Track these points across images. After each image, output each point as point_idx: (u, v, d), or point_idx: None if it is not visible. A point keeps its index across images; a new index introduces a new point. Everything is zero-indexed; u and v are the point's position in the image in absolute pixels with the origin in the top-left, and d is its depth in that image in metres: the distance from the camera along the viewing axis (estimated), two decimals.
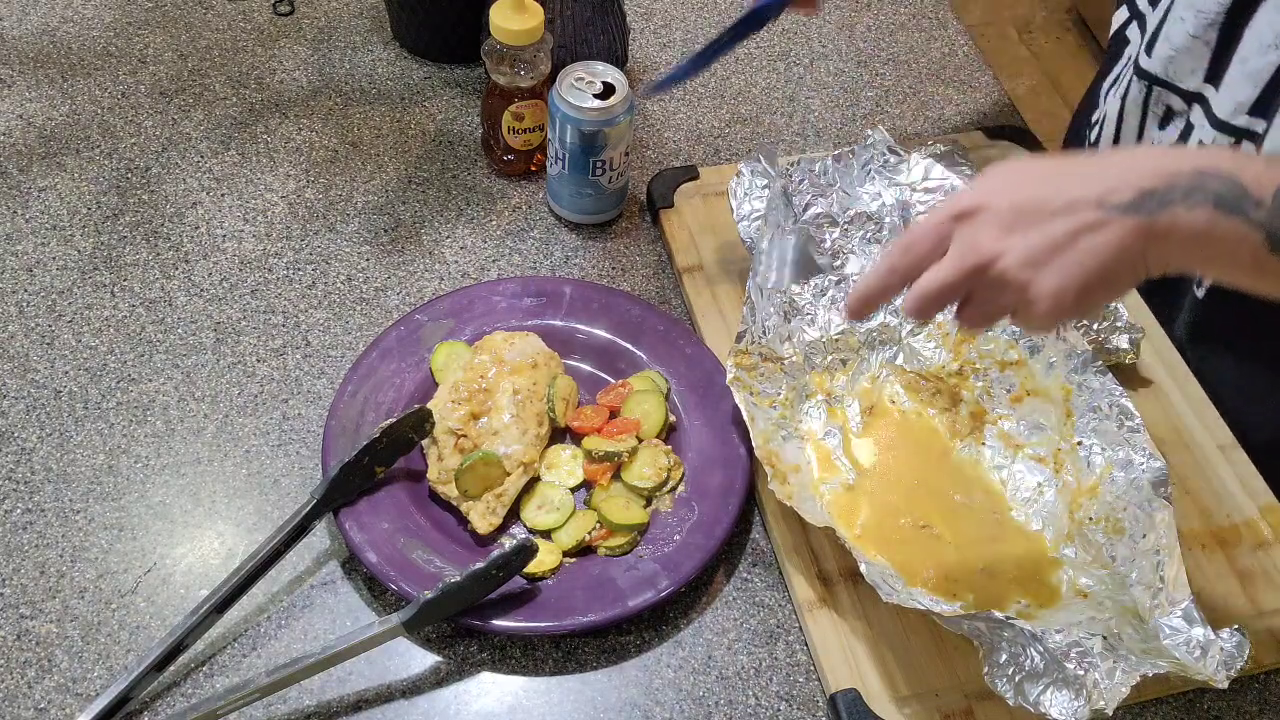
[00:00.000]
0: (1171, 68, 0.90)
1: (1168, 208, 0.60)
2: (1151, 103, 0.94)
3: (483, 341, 0.91)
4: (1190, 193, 0.60)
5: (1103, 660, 0.73)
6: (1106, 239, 0.61)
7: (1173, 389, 0.96)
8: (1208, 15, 0.85)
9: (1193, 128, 0.91)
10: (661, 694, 0.79)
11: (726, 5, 1.29)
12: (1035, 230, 0.62)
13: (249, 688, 0.73)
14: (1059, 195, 0.63)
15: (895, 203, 0.94)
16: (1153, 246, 0.61)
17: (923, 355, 0.94)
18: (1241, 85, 0.85)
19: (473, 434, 0.85)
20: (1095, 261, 0.62)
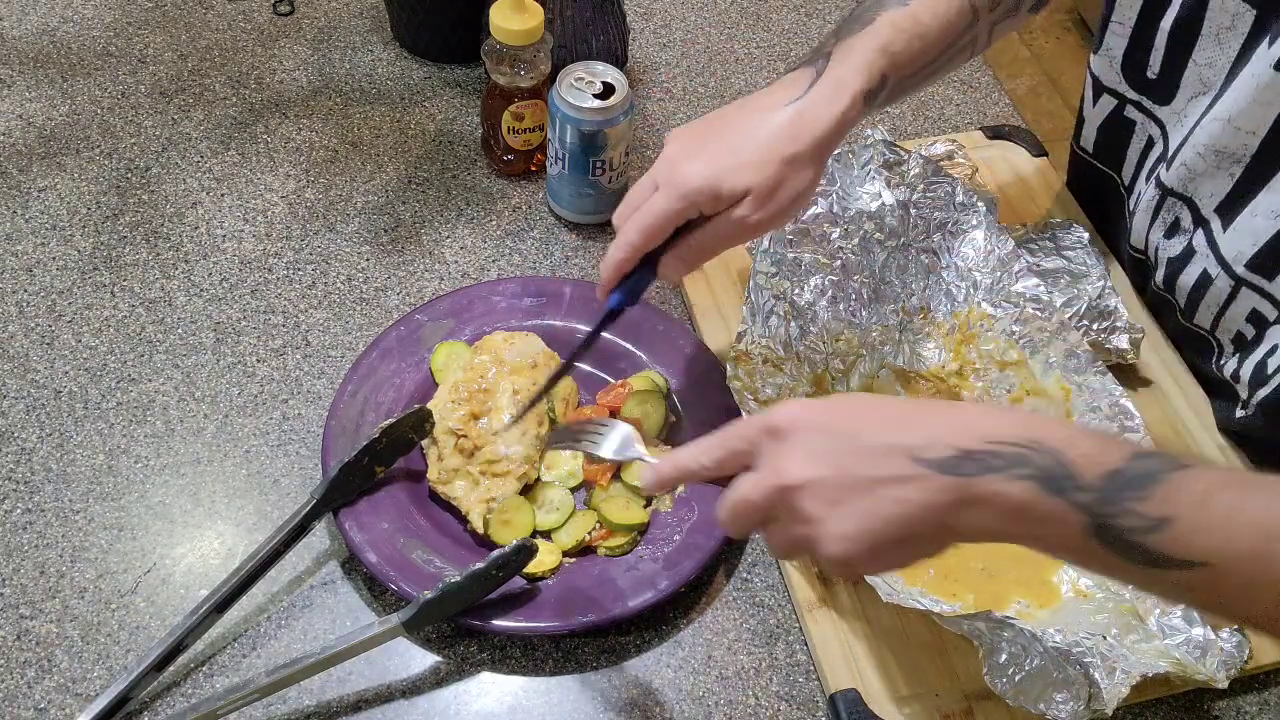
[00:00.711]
0: (1191, 186, 0.89)
1: (986, 475, 0.56)
2: (1163, 210, 0.93)
3: (482, 342, 0.91)
4: (1013, 464, 0.56)
5: (1103, 660, 0.73)
6: (911, 494, 0.57)
7: (1173, 389, 0.96)
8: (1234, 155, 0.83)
9: (1195, 253, 0.90)
10: (661, 694, 0.79)
11: (726, 5, 1.29)
12: (840, 468, 0.58)
13: (249, 688, 0.73)
14: (874, 436, 0.59)
15: (895, 203, 0.94)
16: (965, 511, 0.57)
17: (923, 355, 0.94)
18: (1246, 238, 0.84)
19: (473, 434, 0.85)
20: (894, 514, 0.57)
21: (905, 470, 0.57)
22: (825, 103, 0.74)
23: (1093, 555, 0.56)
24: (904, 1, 0.79)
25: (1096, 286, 0.95)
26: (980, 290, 0.94)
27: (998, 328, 0.92)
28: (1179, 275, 0.92)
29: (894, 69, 0.78)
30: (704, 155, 0.73)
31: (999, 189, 1.09)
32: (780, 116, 0.74)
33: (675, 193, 0.73)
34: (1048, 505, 0.55)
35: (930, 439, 0.58)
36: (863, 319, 0.94)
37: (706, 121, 0.78)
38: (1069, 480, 0.55)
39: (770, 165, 0.73)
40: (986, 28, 0.84)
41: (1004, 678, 0.72)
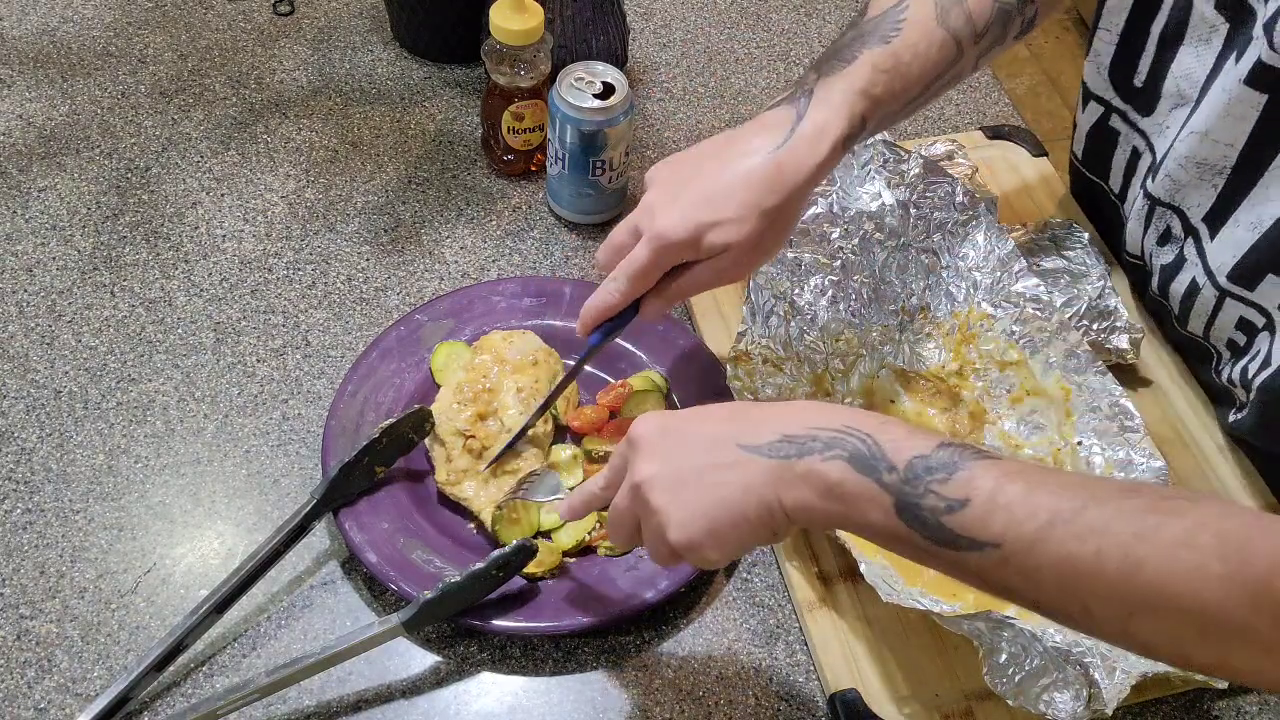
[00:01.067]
0: (1178, 196, 0.89)
1: (805, 457, 0.61)
2: (1155, 218, 0.93)
3: (481, 342, 0.91)
4: (830, 445, 0.61)
5: (1103, 660, 0.73)
6: (736, 476, 0.62)
7: (1173, 389, 0.96)
8: (1215, 165, 0.84)
9: (1185, 261, 0.90)
10: (661, 694, 0.79)
11: (726, 5, 1.29)
12: (676, 461, 0.64)
13: (249, 688, 0.73)
14: (707, 432, 0.65)
15: (895, 203, 0.94)
16: (786, 490, 0.61)
17: (923, 355, 0.94)
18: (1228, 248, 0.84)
19: (481, 434, 0.85)
20: (721, 496, 0.62)
21: (730, 457, 0.63)
22: (806, 152, 0.75)
23: (899, 535, 0.60)
24: (885, 39, 0.78)
25: (1096, 286, 0.95)
26: (980, 290, 0.94)
27: (998, 328, 0.92)
28: (1171, 283, 0.92)
29: (875, 109, 0.78)
30: (684, 205, 0.75)
31: (999, 189, 1.09)
32: (760, 166, 0.75)
33: (658, 245, 0.75)
34: (858, 484, 0.60)
35: (756, 429, 0.63)
36: (863, 319, 0.94)
37: (687, 162, 0.79)
38: (879, 461, 0.60)
39: (750, 220, 0.74)
40: (972, 59, 0.84)
41: (1004, 678, 0.72)
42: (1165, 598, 0.53)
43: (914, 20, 0.79)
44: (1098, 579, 0.55)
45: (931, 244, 0.95)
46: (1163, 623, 0.54)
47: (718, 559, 0.65)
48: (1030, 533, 0.56)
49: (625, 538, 0.69)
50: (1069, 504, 0.56)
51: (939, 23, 0.80)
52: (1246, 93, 0.77)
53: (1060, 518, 0.55)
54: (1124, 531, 0.54)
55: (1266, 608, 0.52)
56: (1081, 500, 0.56)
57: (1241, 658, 0.54)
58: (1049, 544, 0.55)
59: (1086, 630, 0.58)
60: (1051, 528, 0.55)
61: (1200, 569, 0.53)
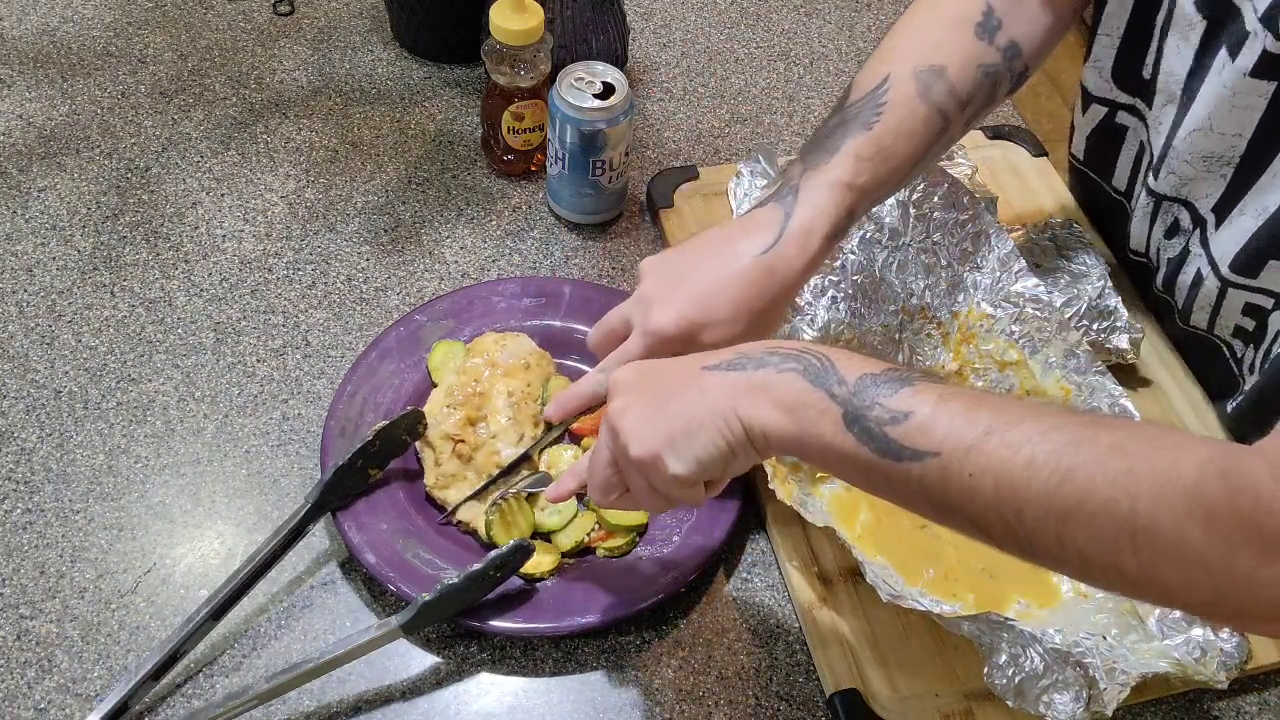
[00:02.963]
0: (1185, 189, 0.89)
1: (761, 369, 0.64)
2: (1161, 212, 0.93)
3: (475, 343, 0.91)
4: (785, 359, 0.64)
5: (1103, 660, 0.73)
6: (694, 388, 0.65)
7: (1173, 389, 0.96)
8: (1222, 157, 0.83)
9: (1190, 253, 0.90)
10: (661, 694, 0.79)
11: (726, 5, 1.29)
12: (644, 389, 0.68)
13: (248, 694, 0.73)
14: (673, 364, 0.69)
15: (895, 203, 0.94)
16: (740, 400, 0.64)
17: (923, 355, 0.94)
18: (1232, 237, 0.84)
19: (471, 439, 0.85)
20: (677, 407, 0.65)
21: (693, 376, 0.66)
22: (795, 253, 0.77)
23: (848, 452, 0.62)
24: (868, 125, 0.78)
25: (1096, 286, 0.95)
26: (980, 290, 0.94)
27: (998, 328, 0.92)
28: (1177, 276, 0.93)
29: (861, 199, 0.79)
30: (678, 303, 0.76)
31: (999, 189, 1.09)
32: (750, 269, 0.77)
33: (651, 340, 0.77)
34: (810, 394, 0.63)
35: (718, 353, 0.67)
36: (863, 319, 0.94)
37: (679, 260, 0.80)
38: (830, 376, 0.63)
39: (741, 321, 0.77)
40: (961, 126, 0.83)
41: (1004, 678, 0.72)
42: (1096, 503, 0.54)
43: (895, 101, 0.79)
44: (1029, 485, 0.56)
45: (931, 244, 0.95)
46: (1095, 531, 0.55)
47: (682, 472, 0.65)
48: (967, 441, 0.58)
49: (600, 484, 0.71)
50: (1006, 418, 0.58)
51: (921, 99, 0.80)
52: (1253, 84, 0.77)
53: (996, 428, 0.57)
54: (1058, 440, 0.56)
55: (1197, 514, 0.51)
56: (1019, 415, 0.58)
57: (1172, 571, 0.53)
58: (984, 451, 0.57)
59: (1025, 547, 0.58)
60: (988, 436, 0.57)
61: (1131, 473, 0.54)
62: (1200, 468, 0.52)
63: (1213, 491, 0.51)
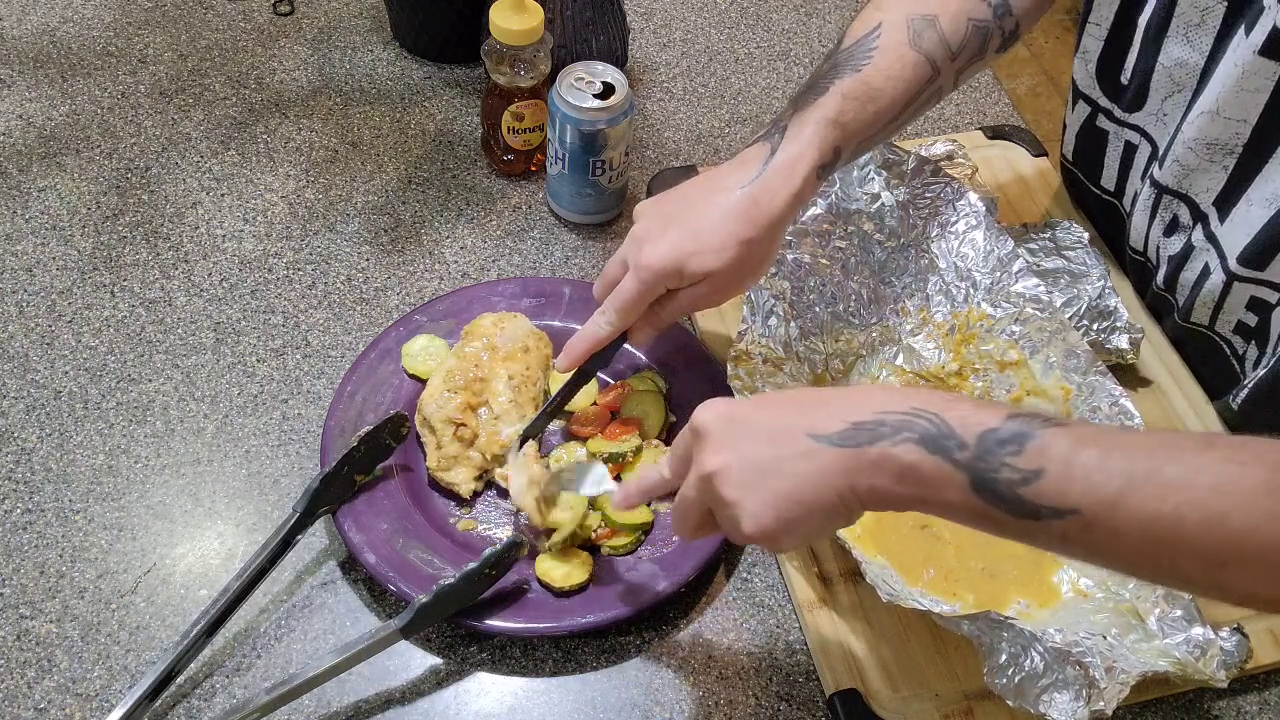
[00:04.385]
0: (1186, 182, 0.89)
1: (877, 443, 0.61)
2: (1161, 208, 0.93)
3: (472, 326, 0.90)
4: (899, 429, 0.61)
5: (1103, 660, 0.73)
6: (809, 466, 0.62)
7: (1173, 389, 0.96)
8: (1225, 145, 0.84)
9: (1194, 248, 0.90)
10: (661, 694, 0.79)
11: (726, 5, 1.29)
12: (746, 453, 0.64)
13: (249, 707, 0.73)
14: (776, 422, 0.65)
15: (895, 203, 0.94)
16: (860, 478, 0.61)
17: (923, 355, 0.94)
18: (1240, 228, 0.85)
19: (472, 423, 0.85)
20: (794, 486, 0.63)
21: (801, 447, 0.63)
22: (779, 185, 0.78)
23: (978, 511, 0.60)
24: (856, 68, 0.81)
25: (1096, 286, 0.95)
26: (980, 290, 0.94)
27: (998, 328, 0.92)
28: (1180, 272, 0.93)
29: (848, 138, 0.80)
30: (668, 238, 0.79)
31: (999, 189, 1.09)
32: (736, 200, 0.78)
33: (643, 274, 0.79)
34: (931, 465, 0.60)
35: (825, 417, 0.63)
36: (863, 319, 0.94)
37: (670, 200, 0.82)
38: (949, 440, 0.60)
39: (728, 250, 0.78)
40: (951, 78, 0.85)
41: (1004, 678, 0.72)
42: (1253, 547, 0.54)
43: (885, 46, 0.81)
44: (1181, 536, 0.55)
45: (931, 244, 0.95)
46: (1255, 571, 0.55)
47: (792, 546, 0.66)
48: (1109, 496, 0.56)
49: (692, 528, 0.70)
50: (1144, 464, 0.56)
51: (912, 45, 0.82)
52: (1262, 64, 0.78)
53: (1137, 479, 0.56)
54: (1203, 485, 0.55)
55: None
56: (1157, 460, 0.56)
57: None
58: (1129, 506, 0.56)
59: (1181, 586, 0.59)
60: (1130, 489, 0.56)
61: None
62: None
63: None
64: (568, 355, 0.83)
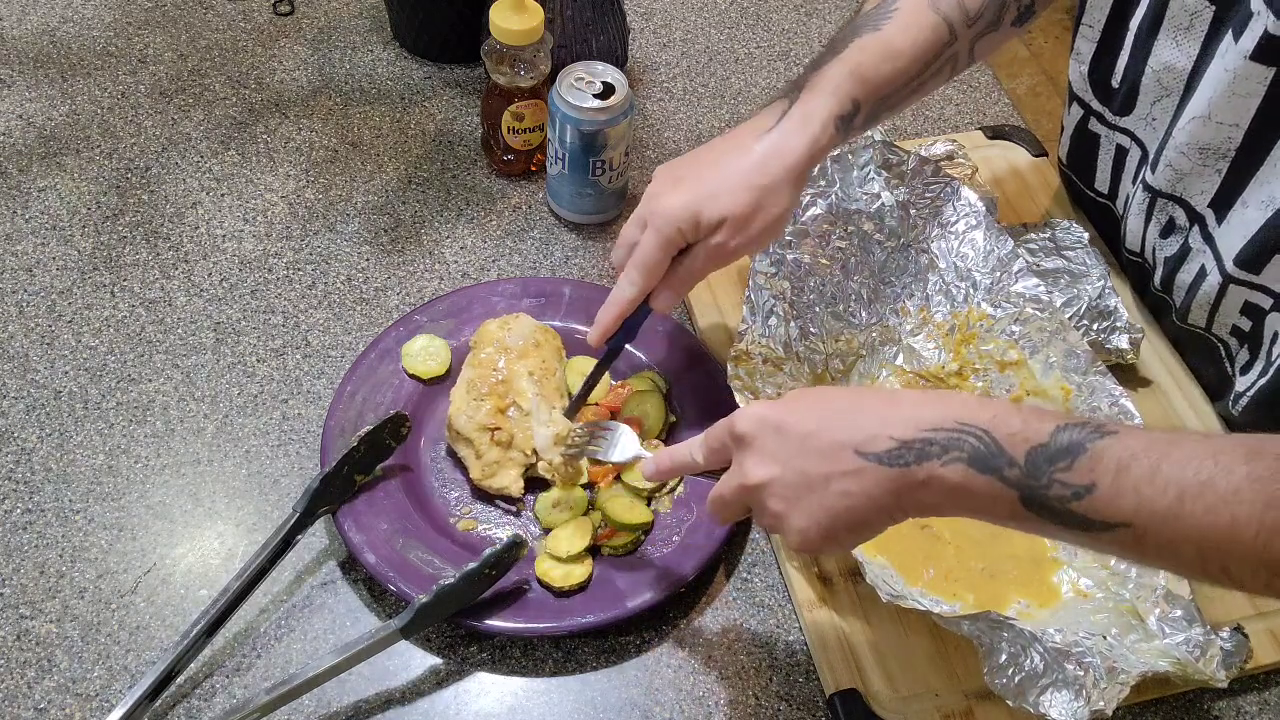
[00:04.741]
0: (1180, 186, 0.89)
1: (925, 462, 0.61)
2: (1156, 211, 0.93)
3: (479, 335, 0.90)
4: (947, 448, 0.61)
5: (1103, 660, 0.73)
6: (858, 486, 0.63)
7: (1173, 389, 0.96)
8: (1218, 150, 0.84)
9: (1190, 250, 0.90)
10: (661, 694, 0.79)
11: (726, 5, 1.29)
12: (793, 468, 0.65)
13: (249, 707, 0.73)
14: (822, 435, 0.65)
15: (895, 203, 0.94)
16: (907, 496, 0.62)
17: (923, 355, 0.94)
18: (1237, 230, 0.85)
19: (506, 426, 0.85)
20: (843, 506, 0.63)
21: (850, 465, 0.63)
22: (796, 131, 0.79)
23: (1029, 522, 0.60)
24: (876, 26, 0.82)
25: (1096, 286, 0.95)
26: (980, 290, 0.94)
27: (998, 328, 0.92)
28: (1176, 274, 0.93)
29: (866, 92, 0.81)
30: (683, 188, 0.79)
31: (999, 189, 1.09)
32: (754, 148, 0.79)
33: (659, 224, 0.79)
34: (981, 483, 0.60)
35: (872, 434, 0.63)
36: (862, 319, 0.94)
37: (685, 159, 0.83)
38: (999, 458, 0.60)
39: (744, 193, 0.78)
40: (966, 45, 0.85)
41: (1004, 678, 0.72)
42: None
43: (904, 7, 0.83)
44: (1235, 546, 0.55)
45: (931, 244, 0.95)
46: None
47: (834, 553, 0.68)
48: (1161, 510, 0.56)
49: (728, 519, 0.72)
50: (1195, 476, 0.56)
51: (930, 7, 0.83)
52: (1253, 68, 0.78)
53: (1189, 492, 0.56)
54: (1256, 499, 0.55)
55: None
56: (1208, 470, 0.56)
57: None
58: (1181, 519, 0.56)
59: (1232, 587, 0.59)
60: (1181, 503, 0.56)
61: None
62: None
63: None
64: (598, 326, 0.83)
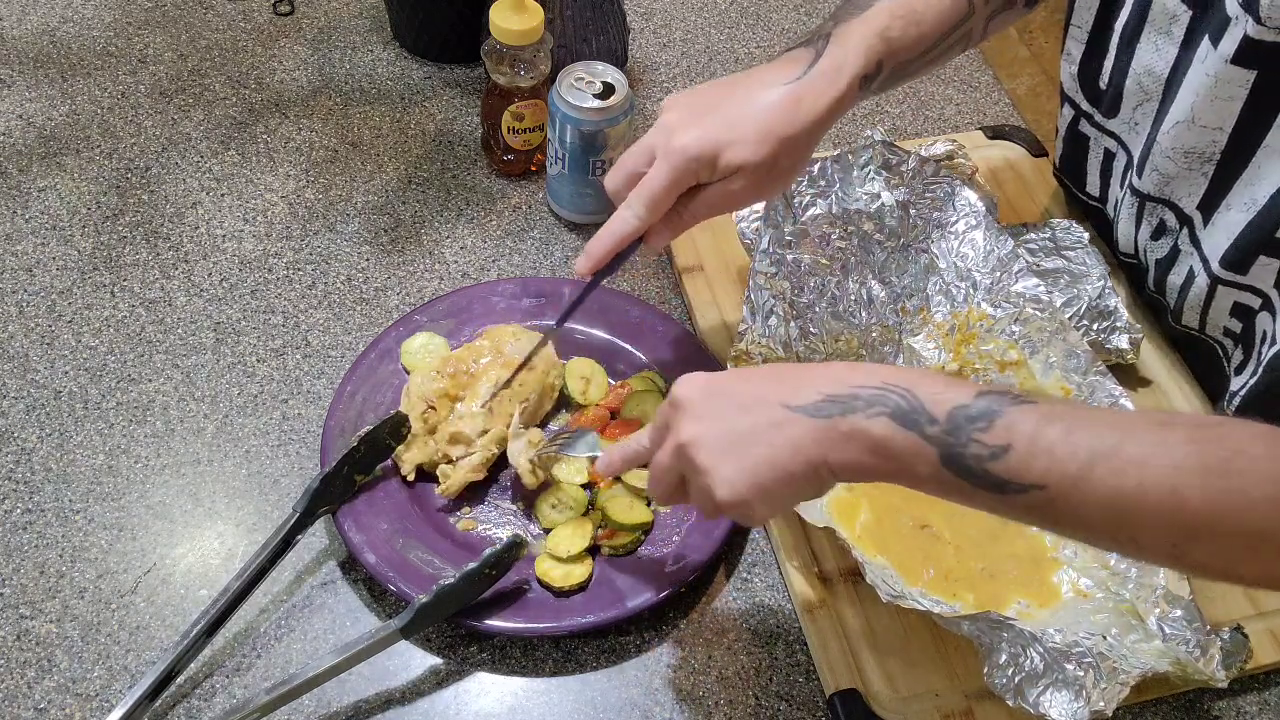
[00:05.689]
0: (1168, 189, 0.89)
1: (849, 415, 0.62)
2: (1146, 214, 0.93)
3: (490, 329, 0.91)
4: (872, 402, 0.62)
5: (1102, 660, 0.73)
6: (782, 436, 0.63)
7: (1173, 389, 0.96)
8: (1203, 154, 0.84)
9: (1180, 252, 0.91)
10: (661, 694, 0.79)
11: (726, 5, 1.29)
12: (723, 422, 0.65)
13: (249, 707, 0.73)
14: (751, 392, 0.66)
15: (895, 203, 0.94)
16: (832, 450, 0.62)
17: (923, 355, 0.94)
18: (1221, 232, 0.85)
19: (442, 412, 0.85)
20: (768, 456, 0.64)
21: (776, 416, 0.64)
22: (824, 86, 0.77)
23: (948, 484, 0.61)
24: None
25: (1096, 286, 0.95)
26: (980, 290, 0.94)
27: (998, 328, 0.92)
28: (1167, 276, 0.93)
29: (890, 55, 0.80)
30: (702, 125, 0.76)
31: (999, 189, 1.09)
32: (778, 95, 0.76)
33: (675, 159, 0.76)
34: (902, 438, 0.61)
35: (799, 388, 0.64)
36: (862, 319, 0.94)
37: (705, 90, 0.80)
38: (921, 415, 0.61)
39: (766, 144, 0.76)
40: (982, 21, 0.85)
41: (1004, 678, 0.72)
42: (1212, 523, 0.55)
43: None
44: (1143, 512, 0.56)
45: (931, 244, 0.95)
46: (1213, 546, 0.56)
47: (764, 515, 0.66)
48: (1073, 472, 0.57)
49: (665, 494, 0.71)
50: (1107, 441, 0.57)
51: None
52: (1234, 72, 0.78)
53: (1100, 455, 0.57)
54: (1164, 464, 0.56)
55: None
56: (1119, 436, 0.57)
57: None
58: (1092, 482, 0.57)
59: (1140, 557, 0.60)
60: (1092, 466, 0.57)
61: (1243, 493, 0.55)
62: None
63: None
64: (589, 257, 0.80)
